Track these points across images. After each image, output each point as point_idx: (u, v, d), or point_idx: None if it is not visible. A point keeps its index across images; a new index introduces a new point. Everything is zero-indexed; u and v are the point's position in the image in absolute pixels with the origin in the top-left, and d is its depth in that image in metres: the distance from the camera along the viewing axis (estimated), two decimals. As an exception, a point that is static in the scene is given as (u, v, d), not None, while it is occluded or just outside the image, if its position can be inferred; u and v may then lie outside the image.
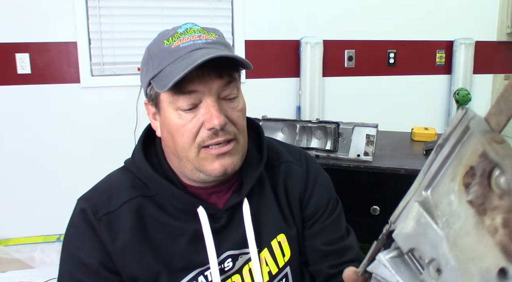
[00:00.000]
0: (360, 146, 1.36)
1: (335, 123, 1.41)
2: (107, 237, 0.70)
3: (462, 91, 1.62)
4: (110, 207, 0.72)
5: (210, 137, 0.69)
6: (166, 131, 0.71)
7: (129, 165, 0.77)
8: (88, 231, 0.71)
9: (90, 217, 0.71)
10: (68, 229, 0.75)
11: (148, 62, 0.71)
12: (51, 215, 2.51)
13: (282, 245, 0.78)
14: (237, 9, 2.62)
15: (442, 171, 0.32)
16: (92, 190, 0.77)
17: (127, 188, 0.74)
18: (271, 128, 1.54)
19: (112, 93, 2.53)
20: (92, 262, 0.70)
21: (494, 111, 0.29)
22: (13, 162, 2.48)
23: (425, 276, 0.33)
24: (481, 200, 0.28)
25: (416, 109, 2.91)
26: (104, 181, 0.78)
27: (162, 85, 0.66)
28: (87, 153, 2.51)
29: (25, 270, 2.47)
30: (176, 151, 0.71)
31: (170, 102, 0.69)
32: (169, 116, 0.69)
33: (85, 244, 0.71)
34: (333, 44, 2.74)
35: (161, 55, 0.69)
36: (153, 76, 0.69)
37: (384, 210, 1.30)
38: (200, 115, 0.68)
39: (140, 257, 0.71)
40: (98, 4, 2.44)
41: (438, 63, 2.94)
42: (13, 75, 2.40)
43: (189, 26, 0.72)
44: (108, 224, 0.71)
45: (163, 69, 0.68)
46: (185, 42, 0.68)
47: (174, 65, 0.66)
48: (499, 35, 2.97)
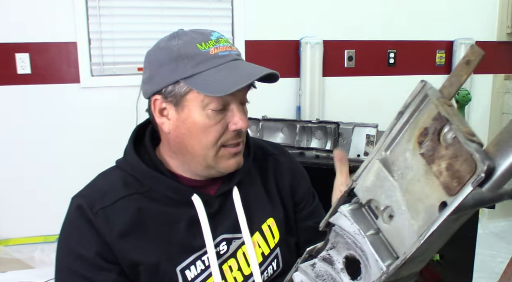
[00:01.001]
0: (360, 146, 1.36)
1: (335, 123, 1.41)
2: (104, 228, 0.73)
3: (462, 91, 1.62)
4: (105, 202, 0.75)
5: (233, 138, 0.77)
6: (185, 128, 0.75)
7: (121, 164, 0.81)
8: (85, 224, 0.73)
9: (86, 212, 0.74)
10: (64, 225, 0.77)
11: (178, 61, 0.73)
12: (51, 215, 2.50)
13: (271, 228, 0.86)
14: (237, 9, 2.62)
15: (400, 134, 0.38)
16: (86, 187, 0.81)
17: (120, 186, 0.77)
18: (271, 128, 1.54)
19: (112, 93, 2.53)
20: (90, 254, 0.72)
21: (447, 84, 0.36)
22: (13, 162, 2.48)
23: (379, 222, 0.39)
24: (431, 152, 0.34)
25: (416, 109, 2.91)
26: (97, 179, 0.82)
27: (211, 89, 0.71)
28: (87, 153, 2.51)
29: (25, 270, 2.47)
30: (191, 148, 0.76)
31: (201, 101, 0.73)
32: (195, 115, 0.74)
33: (82, 237, 0.73)
34: (333, 44, 2.74)
35: (197, 58, 0.73)
36: (188, 76, 0.73)
37: (384, 210, 1.30)
38: (228, 117, 0.75)
39: (138, 244, 0.74)
40: (98, 4, 2.44)
41: (438, 63, 2.94)
42: (13, 75, 2.40)
43: (219, 35, 0.77)
44: (104, 217, 0.73)
45: (201, 72, 0.72)
46: (222, 50, 0.75)
47: (219, 72, 0.73)
48: (499, 35, 2.97)
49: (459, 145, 0.32)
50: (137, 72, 2.52)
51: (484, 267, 2.26)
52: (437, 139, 0.34)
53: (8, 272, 2.47)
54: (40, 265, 2.50)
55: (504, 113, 3.03)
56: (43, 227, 2.53)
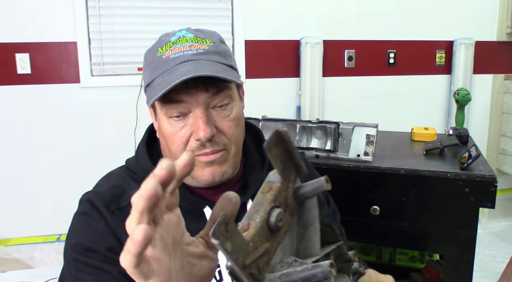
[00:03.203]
0: (360, 146, 1.35)
1: (335, 123, 1.41)
2: (120, 229, 0.69)
3: (462, 91, 1.62)
4: (121, 203, 0.72)
5: (198, 148, 0.71)
6: (161, 136, 0.75)
7: (131, 165, 0.78)
8: (98, 218, 0.71)
9: (102, 210, 0.71)
10: (74, 218, 0.74)
11: (145, 69, 0.74)
12: (51, 215, 2.51)
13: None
14: (237, 9, 2.62)
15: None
16: (98, 186, 0.78)
17: (134, 188, 0.73)
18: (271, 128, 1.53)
19: (112, 93, 2.53)
20: (101, 249, 0.69)
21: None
22: (13, 162, 2.48)
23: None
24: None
25: (416, 109, 2.91)
26: (107, 179, 0.79)
27: (151, 96, 0.70)
28: (87, 153, 2.51)
29: (25, 270, 2.47)
30: (170, 156, 0.74)
31: (161, 109, 0.72)
32: (163, 123, 0.73)
33: (95, 230, 0.71)
34: (333, 44, 2.74)
35: (154, 64, 0.72)
36: (147, 84, 0.73)
37: (384, 210, 1.29)
38: (189, 125, 0.71)
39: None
40: (98, 4, 2.44)
41: (438, 63, 2.94)
42: (13, 75, 2.40)
43: (183, 34, 0.73)
44: (120, 218, 0.70)
45: (154, 79, 0.71)
46: (175, 52, 0.70)
47: (162, 78, 0.69)
48: (499, 35, 2.97)
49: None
50: (137, 72, 2.52)
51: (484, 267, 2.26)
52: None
53: (8, 272, 2.46)
54: (40, 265, 2.50)
55: (504, 113, 3.03)
56: (43, 227, 2.53)
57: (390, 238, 1.32)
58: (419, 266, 1.68)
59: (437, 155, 1.42)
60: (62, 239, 2.53)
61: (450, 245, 1.25)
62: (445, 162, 1.34)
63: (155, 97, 0.68)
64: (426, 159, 1.39)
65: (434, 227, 1.26)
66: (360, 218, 1.32)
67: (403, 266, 1.70)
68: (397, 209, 1.28)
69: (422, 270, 1.65)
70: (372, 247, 1.74)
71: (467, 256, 1.23)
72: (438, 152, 1.43)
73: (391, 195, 1.28)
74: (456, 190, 1.21)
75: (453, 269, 1.26)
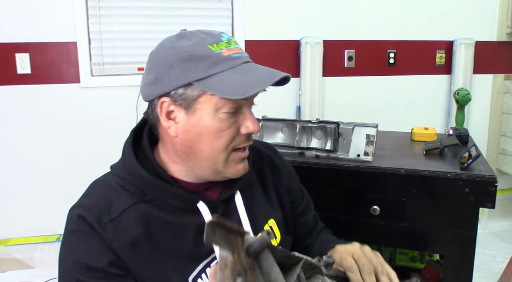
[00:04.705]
0: (360, 146, 1.35)
1: (335, 123, 1.41)
2: (114, 241, 0.70)
3: (462, 91, 1.62)
4: (111, 214, 0.72)
5: (243, 142, 0.76)
6: (195, 132, 0.73)
7: (118, 171, 0.77)
8: (93, 234, 0.70)
9: (94, 225, 0.70)
10: (66, 237, 0.73)
11: (189, 62, 0.70)
12: (51, 215, 2.51)
13: (273, 229, 0.87)
14: (237, 9, 2.62)
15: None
16: (85, 198, 0.76)
17: (122, 195, 0.74)
18: (271, 128, 1.53)
19: (112, 93, 2.53)
20: (102, 264, 0.69)
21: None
22: (13, 162, 2.48)
23: None
24: None
25: (416, 109, 2.91)
26: (95, 188, 0.77)
27: (228, 91, 0.69)
28: (87, 153, 2.51)
29: (25, 270, 2.47)
30: (200, 152, 0.73)
31: (215, 104, 0.71)
32: (207, 119, 0.71)
33: (91, 247, 0.70)
34: (333, 44, 2.74)
35: (210, 59, 0.70)
36: (201, 78, 0.70)
37: (384, 210, 1.29)
38: (239, 120, 0.74)
39: (149, 256, 0.72)
40: (98, 4, 2.44)
41: (438, 63, 2.94)
42: (13, 75, 2.40)
43: (229, 37, 0.76)
44: (114, 230, 0.71)
45: (216, 74, 0.70)
46: (235, 52, 0.73)
47: (234, 74, 0.71)
48: (499, 35, 2.97)
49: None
50: (137, 72, 2.52)
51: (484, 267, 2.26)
52: None
53: (8, 272, 2.47)
54: (40, 265, 2.50)
55: (504, 113, 3.03)
56: (43, 227, 2.53)
57: (390, 238, 1.32)
58: (419, 266, 1.68)
59: (437, 155, 1.42)
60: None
61: (450, 245, 1.25)
62: (445, 162, 1.34)
63: (246, 92, 0.68)
64: (426, 159, 1.39)
65: (434, 227, 1.26)
66: (360, 218, 1.32)
67: (403, 266, 1.70)
68: (397, 209, 1.28)
69: (422, 270, 1.65)
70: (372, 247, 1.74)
71: (467, 256, 1.23)
72: (438, 152, 1.43)
73: (391, 195, 1.28)
74: (456, 190, 1.21)
75: (453, 269, 1.26)
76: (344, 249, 0.82)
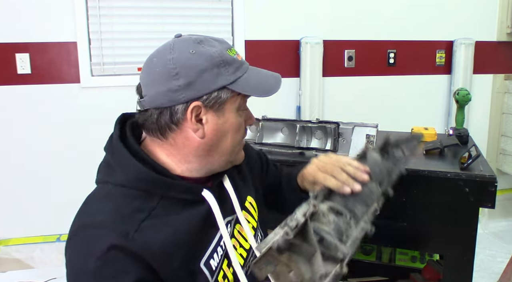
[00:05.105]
0: (360, 146, 1.36)
1: (335, 123, 1.41)
2: (143, 251, 0.68)
3: (462, 91, 1.62)
4: (134, 224, 0.70)
5: (245, 132, 0.88)
6: (224, 130, 0.79)
7: (126, 181, 0.75)
8: (120, 256, 0.67)
9: (120, 241, 0.67)
10: (86, 261, 0.67)
11: (220, 67, 0.75)
12: (50, 215, 2.51)
13: (252, 204, 0.95)
14: (237, 9, 2.62)
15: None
16: (96, 214, 0.72)
17: (136, 205, 0.73)
18: (271, 128, 1.54)
19: (112, 93, 2.53)
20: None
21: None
22: (13, 162, 2.48)
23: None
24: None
25: (416, 109, 2.91)
26: (101, 204, 0.74)
27: (258, 91, 0.80)
28: (87, 153, 2.50)
29: (25, 270, 2.47)
30: (224, 147, 0.81)
31: (239, 104, 0.80)
32: (233, 117, 0.80)
33: (117, 270, 0.66)
34: (333, 44, 2.74)
35: (234, 64, 0.78)
36: (231, 82, 0.76)
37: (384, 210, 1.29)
38: (245, 115, 0.84)
39: (174, 255, 0.71)
40: (98, 4, 2.44)
41: (438, 63, 2.94)
42: (13, 75, 2.40)
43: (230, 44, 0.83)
44: (141, 241, 0.68)
45: (241, 77, 0.78)
46: (241, 58, 0.81)
47: (252, 76, 0.80)
48: (499, 35, 2.97)
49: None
50: (137, 72, 2.52)
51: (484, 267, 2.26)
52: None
53: (8, 272, 2.47)
54: (40, 265, 2.50)
55: (504, 113, 3.03)
56: (43, 227, 2.53)
57: (390, 238, 1.32)
58: (419, 266, 1.68)
59: (437, 155, 1.43)
60: (62, 239, 2.53)
61: (450, 245, 1.25)
62: (445, 162, 1.34)
63: (270, 90, 0.82)
64: (426, 159, 1.39)
65: (434, 227, 1.27)
66: (360, 218, 1.32)
67: (403, 266, 1.70)
68: (397, 209, 1.28)
69: (422, 270, 1.65)
70: (372, 247, 1.74)
71: (467, 256, 1.23)
72: (438, 152, 1.43)
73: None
74: (456, 190, 1.21)
75: (453, 269, 1.26)
76: (308, 171, 0.98)
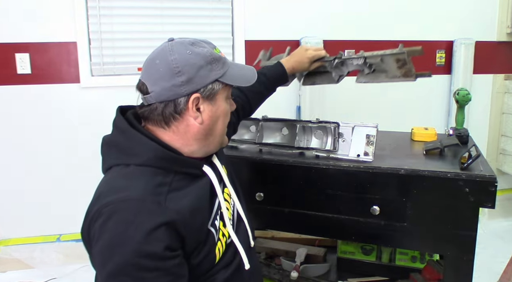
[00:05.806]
0: (360, 146, 1.36)
1: (335, 123, 1.41)
2: (175, 216, 0.82)
3: (462, 91, 1.62)
4: (162, 197, 0.84)
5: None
6: (216, 116, 0.95)
7: (147, 160, 0.88)
8: (165, 228, 0.80)
9: (157, 197, 0.83)
10: (120, 229, 0.78)
11: (212, 64, 0.92)
12: (51, 215, 2.51)
13: (232, 176, 1.13)
14: (237, 9, 2.62)
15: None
16: (129, 191, 0.83)
17: (158, 179, 0.86)
18: (271, 128, 1.54)
19: (112, 93, 2.53)
20: (159, 250, 0.78)
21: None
22: (13, 162, 2.48)
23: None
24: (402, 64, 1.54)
25: (416, 109, 2.91)
26: (131, 180, 0.86)
27: (241, 81, 0.98)
28: (87, 153, 2.50)
29: (25, 270, 2.48)
30: (217, 130, 0.97)
31: (226, 93, 0.97)
32: (223, 104, 0.96)
33: (150, 236, 0.78)
34: (333, 44, 2.74)
35: (222, 60, 0.94)
36: (221, 75, 0.93)
37: (384, 210, 1.30)
38: (229, 102, 1.00)
39: (198, 218, 0.89)
40: (98, 4, 2.44)
41: (438, 63, 2.94)
42: (13, 75, 2.40)
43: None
44: (172, 208, 0.83)
45: (227, 71, 0.94)
46: (223, 55, 0.96)
47: (234, 69, 0.96)
48: (499, 35, 2.97)
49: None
50: (137, 72, 2.52)
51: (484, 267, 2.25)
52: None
53: (8, 272, 2.47)
54: (40, 265, 2.50)
55: (504, 113, 3.03)
56: (43, 227, 2.53)
57: (390, 238, 1.32)
58: (419, 266, 1.68)
59: (437, 155, 1.43)
60: (62, 239, 2.54)
61: (450, 245, 1.25)
62: (445, 162, 1.34)
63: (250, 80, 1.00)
64: (426, 159, 1.39)
65: (434, 227, 1.27)
66: (360, 218, 1.32)
67: (403, 266, 1.70)
68: (397, 209, 1.28)
69: (422, 270, 1.65)
70: (372, 247, 1.74)
71: (467, 256, 1.23)
72: (438, 152, 1.43)
73: (391, 195, 1.29)
74: (456, 190, 1.21)
75: (453, 269, 1.26)
76: (299, 53, 1.61)
